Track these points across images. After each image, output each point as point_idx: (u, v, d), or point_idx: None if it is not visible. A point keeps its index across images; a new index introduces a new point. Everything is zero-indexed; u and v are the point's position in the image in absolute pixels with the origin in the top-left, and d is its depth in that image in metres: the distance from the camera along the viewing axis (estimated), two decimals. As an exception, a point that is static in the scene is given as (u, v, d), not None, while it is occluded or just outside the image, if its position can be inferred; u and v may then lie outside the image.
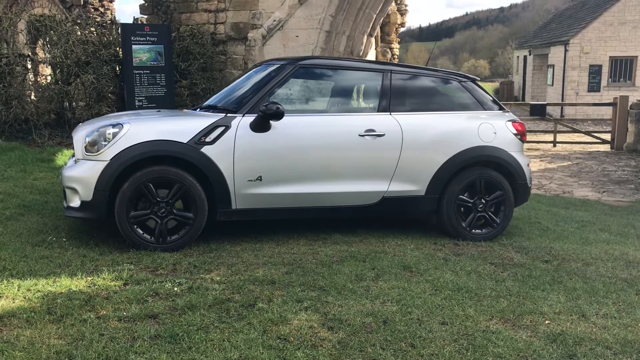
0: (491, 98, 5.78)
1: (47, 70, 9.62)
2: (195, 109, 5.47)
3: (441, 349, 3.21)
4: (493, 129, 5.48)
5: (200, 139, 4.75)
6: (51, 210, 5.88)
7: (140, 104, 9.22)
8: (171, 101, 9.47)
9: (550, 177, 11.97)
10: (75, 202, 4.72)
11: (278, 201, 5.00)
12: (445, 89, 5.60)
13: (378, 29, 16.20)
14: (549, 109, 26.02)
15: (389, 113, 5.27)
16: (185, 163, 4.72)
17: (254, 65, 6.04)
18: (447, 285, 4.16)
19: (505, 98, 33.71)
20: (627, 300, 4.12)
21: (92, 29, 9.22)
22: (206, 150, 4.75)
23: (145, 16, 11.04)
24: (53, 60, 8.73)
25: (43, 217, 5.66)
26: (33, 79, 9.05)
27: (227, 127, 4.84)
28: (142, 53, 9.15)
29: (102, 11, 19.67)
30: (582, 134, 17.17)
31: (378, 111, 5.29)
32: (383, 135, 5.17)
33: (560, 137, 17.24)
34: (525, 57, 33.71)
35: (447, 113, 5.46)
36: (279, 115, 4.81)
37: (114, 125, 4.74)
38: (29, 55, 8.90)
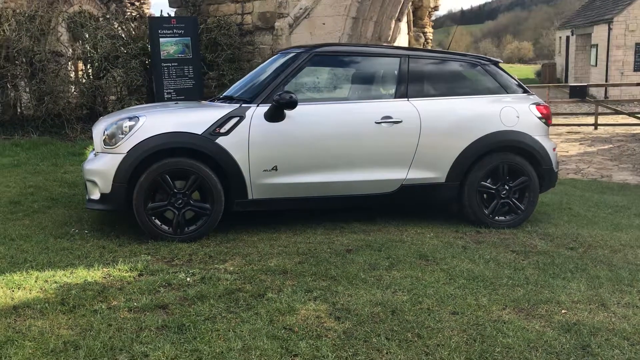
0: (515, 81, 5.61)
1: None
2: (213, 101, 5.48)
3: (448, 339, 3.14)
4: (516, 112, 5.32)
5: (215, 130, 4.76)
6: (77, 202, 6.02)
7: (169, 96, 9.32)
8: (199, 93, 9.55)
9: (590, 160, 11.60)
10: (96, 195, 4.81)
11: (294, 191, 4.98)
12: (465, 73, 5.46)
13: (410, 13, 15.94)
14: (592, 90, 25.23)
15: (406, 99, 5.18)
16: (200, 154, 4.74)
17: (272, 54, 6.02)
18: (462, 274, 4.07)
19: (547, 80, 32.80)
20: (653, 289, 3.96)
21: (116, 24, 9.35)
22: (221, 141, 4.76)
23: (174, 9, 11.14)
24: (83, 56, 8.90)
25: (69, 209, 5.79)
26: (72, 75, 9.24)
27: (242, 118, 4.83)
28: (169, 46, 9.24)
29: (138, 5, 19.97)
30: (626, 116, 16.57)
31: (395, 97, 5.20)
32: (400, 122, 5.08)
33: (602, 119, 16.69)
34: (567, 37, 32.69)
35: (467, 97, 5.33)
36: (292, 105, 4.78)
37: (130, 118, 4.80)
38: (61, 51, 9.10)
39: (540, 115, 5.41)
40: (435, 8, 16.79)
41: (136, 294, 3.69)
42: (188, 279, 3.95)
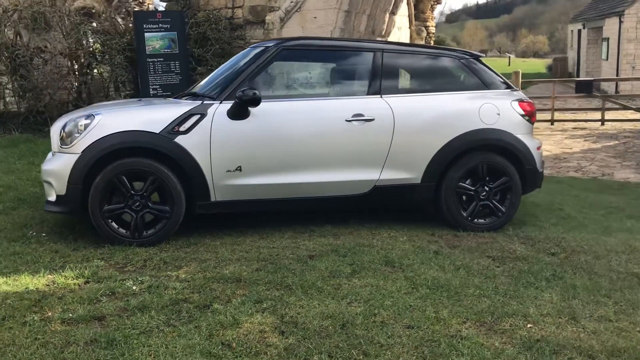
0: (498, 77, 5.31)
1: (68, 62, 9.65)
2: (180, 97, 5.25)
3: (397, 357, 2.89)
4: (496, 109, 5.03)
5: (174, 128, 4.53)
6: (44, 204, 5.81)
7: (155, 92, 9.12)
8: (187, 88, 9.32)
9: (592, 158, 11.24)
10: (52, 197, 4.61)
11: (260, 192, 4.74)
12: (443, 68, 5.18)
13: (411, 7, 15.60)
14: (604, 85, 24.70)
15: (379, 96, 4.91)
16: (158, 154, 4.52)
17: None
18: (427, 283, 3.81)
19: (558, 75, 32.22)
20: (631, 300, 3.68)
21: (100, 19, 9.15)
22: (180, 140, 4.53)
23: (165, 3, 10.94)
24: (67, 52, 8.72)
25: (35, 210, 5.60)
26: (56, 71, 9.05)
27: (203, 115, 4.60)
28: (155, 41, 9.03)
29: (141, 1, 19.79)
30: (635, 111, 16.12)
31: (368, 94, 4.93)
32: (372, 119, 4.82)
33: (611, 115, 16.24)
34: (579, 31, 32.08)
35: (444, 94, 5.05)
36: (255, 102, 4.54)
37: (87, 117, 4.59)
38: (45, 47, 8.91)
39: (523, 112, 5.12)
40: (438, 1, 16.44)
41: (75, 303, 3.48)
42: (134, 287, 3.73)
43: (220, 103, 4.66)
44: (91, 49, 8.96)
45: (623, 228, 5.52)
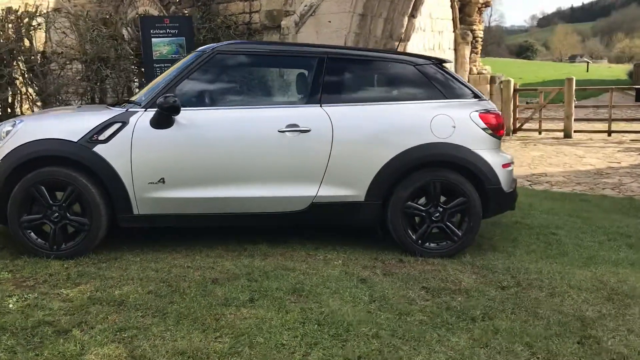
0: (462, 84, 4.75)
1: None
2: (115, 105, 5.05)
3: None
4: (451, 122, 4.49)
5: (92, 137, 4.32)
6: None
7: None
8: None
9: (638, 174, 10.18)
10: None
11: (185, 207, 4.44)
12: (395, 75, 4.69)
13: (456, 10, 14.89)
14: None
15: (319, 105, 4.49)
16: (77, 164, 4.32)
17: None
18: (320, 317, 3.37)
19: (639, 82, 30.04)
20: (552, 352, 3.09)
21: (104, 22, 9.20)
22: (99, 149, 4.31)
23: (187, 9, 10.91)
24: (79, 56, 8.81)
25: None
26: (69, 75, 9.20)
27: (125, 124, 4.36)
28: (162, 46, 8.96)
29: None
30: None
31: (307, 103, 4.52)
32: (308, 130, 4.41)
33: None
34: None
35: (392, 104, 4.56)
36: (174, 110, 4.26)
37: (13, 124, 4.47)
38: (61, 52, 9.07)
39: (484, 125, 4.54)
40: (487, 4, 15.61)
41: (-62, 320, 3.30)
42: (11, 306, 3.52)
43: (145, 111, 4.41)
44: (105, 54, 9.00)
45: (610, 259, 4.80)
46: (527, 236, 5.43)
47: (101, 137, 4.32)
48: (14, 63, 8.70)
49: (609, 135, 14.75)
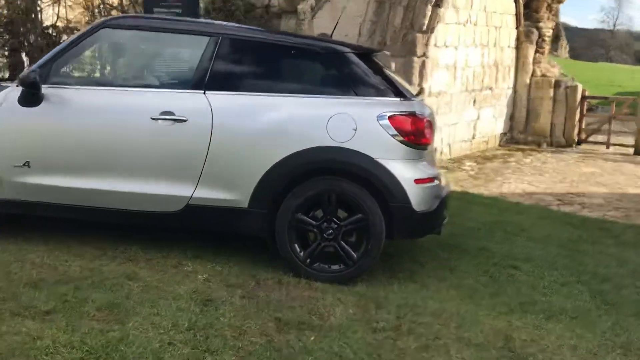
0: (386, 81, 3.95)
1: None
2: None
3: None
4: (352, 123, 3.73)
5: (-36, 111, 3.98)
6: None
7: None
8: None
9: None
10: None
11: (50, 195, 3.99)
12: (299, 64, 3.99)
13: (520, 5, 13.53)
14: None
15: (202, 91, 3.87)
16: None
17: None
18: (96, 344, 2.78)
19: None
20: None
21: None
22: (-33, 126, 3.96)
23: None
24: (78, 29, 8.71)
25: None
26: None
27: (-6, 99, 3.98)
28: (165, 25, 8.61)
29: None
30: None
31: (190, 88, 3.92)
32: (184, 120, 3.82)
33: None
34: None
35: (286, 96, 3.86)
36: (33, 86, 3.82)
37: None
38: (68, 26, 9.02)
39: (395, 130, 3.73)
40: (559, 0, 14.10)
41: None
42: None
43: (17, 87, 4.00)
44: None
45: (551, 308, 3.83)
46: (471, 266, 4.54)
47: (-31, 114, 3.97)
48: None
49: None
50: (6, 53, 8.54)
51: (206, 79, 3.88)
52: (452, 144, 11.89)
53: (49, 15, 9.15)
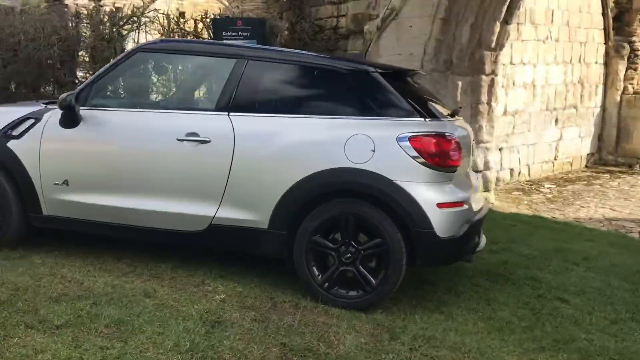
0: (412, 100, 3.80)
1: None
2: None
3: None
4: (371, 144, 3.61)
5: (7, 131, 4.26)
6: None
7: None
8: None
9: None
10: None
11: (87, 213, 4.17)
12: (321, 84, 3.92)
13: (609, 18, 12.76)
14: None
15: (226, 113, 3.91)
16: (-7, 158, 4.28)
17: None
18: (70, 359, 2.85)
19: None
20: None
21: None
22: (12, 144, 4.23)
23: (282, 13, 10.74)
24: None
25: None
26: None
27: (38, 120, 4.23)
28: (233, 48, 8.85)
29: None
30: None
31: (215, 110, 3.97)
32: (208, 141, 3.87)
33: None
34: None
35: (306, 117, 3.80)
36: (70, 109, 4.01)
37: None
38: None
39: (416, 152, 3.57)
40: (656, 12, 13.15)
41: None
42: None
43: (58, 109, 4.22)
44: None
45: (590, 348, 3.49)
46: (512, 297, 4.24)
47: (14, 132, 4.25)
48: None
49: None
50: (88, 76, 9.06)
51: (231, 101, 3.92)
52: (531, 165, 11.33)
53: (128, 41, 9.62)
